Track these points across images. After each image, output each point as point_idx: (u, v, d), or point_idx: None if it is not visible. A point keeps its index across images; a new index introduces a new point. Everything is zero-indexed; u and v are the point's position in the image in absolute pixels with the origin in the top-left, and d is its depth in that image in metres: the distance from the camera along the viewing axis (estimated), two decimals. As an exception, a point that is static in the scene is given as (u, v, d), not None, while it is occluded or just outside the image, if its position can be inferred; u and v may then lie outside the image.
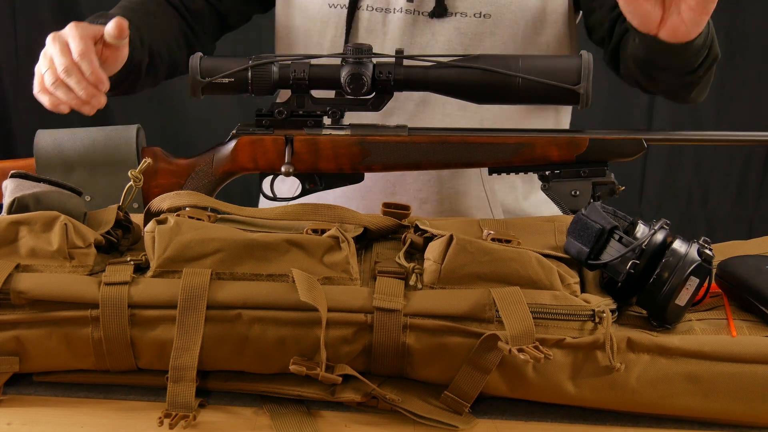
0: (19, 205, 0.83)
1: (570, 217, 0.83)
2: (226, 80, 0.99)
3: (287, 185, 1.12)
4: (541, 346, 0.70)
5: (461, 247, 0.76)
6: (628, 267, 0.76)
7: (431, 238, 0.80)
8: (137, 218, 0.88)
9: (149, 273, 0.76)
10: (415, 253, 0.81)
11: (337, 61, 1.00)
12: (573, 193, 1.00)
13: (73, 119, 1.06)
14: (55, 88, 0.95)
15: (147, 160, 0.87)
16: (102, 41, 0.99)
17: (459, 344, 0.73)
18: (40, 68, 0.97)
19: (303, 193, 1.06)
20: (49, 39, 0.96)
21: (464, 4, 1.13)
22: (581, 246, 0.79)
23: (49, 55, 0.96)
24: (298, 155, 1.02)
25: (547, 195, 1.02)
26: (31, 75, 0.98)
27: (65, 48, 0.95)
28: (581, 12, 1.20)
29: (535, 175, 1.04)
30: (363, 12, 1.15)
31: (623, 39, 1.09)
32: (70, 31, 0.96)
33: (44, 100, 0.98)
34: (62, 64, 0.94)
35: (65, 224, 0.78)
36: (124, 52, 1.02)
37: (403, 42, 1.15)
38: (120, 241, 0.85)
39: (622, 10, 0.95)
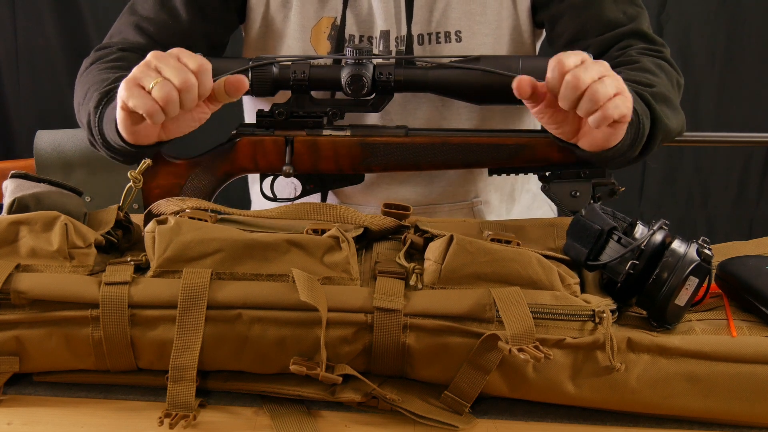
0: (19, 206, 0.83)
1: (570, 219, 0.83)
2: (226, 81, 0.99)
3: (285, 186, 1.12)
4: (541, 346, 0.71)
5: (461, 247, 0.76)
6: (627, 267, 0.76)
7: (431, 238, 0.80)
8: (137, 219, 0.88)
9: (149, 273, 0.76)
10: (416, 253, 0.81)
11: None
12: (573, 193, 1.00)
13: (73, 120, 1.05)
14: (166, 101, 0.83)
15: (146, 161, 0.87)
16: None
17: (459, 344, 0.73)
18: (142, 79, 0.84)
19: (303, 194, 1.06)
20: (154, 54, 0.85)
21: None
22: (580, 247, 0.79)
23: (157, 67, 0.84)
24: (298, 156, 1.02)
25: (547, 195, 1.02)
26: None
27: (181, 64, 0.85)
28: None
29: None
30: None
31: None
32: (183, 51, 0.86)
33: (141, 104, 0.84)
34: (179, 77, 0.83)
35: (65, 224, 0.78)
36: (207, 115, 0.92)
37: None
38: (120, 242, 0.85)
39: (536, 117, 0.91)
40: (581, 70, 0.83)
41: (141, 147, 0.93)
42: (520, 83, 0.85)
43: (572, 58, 0.84)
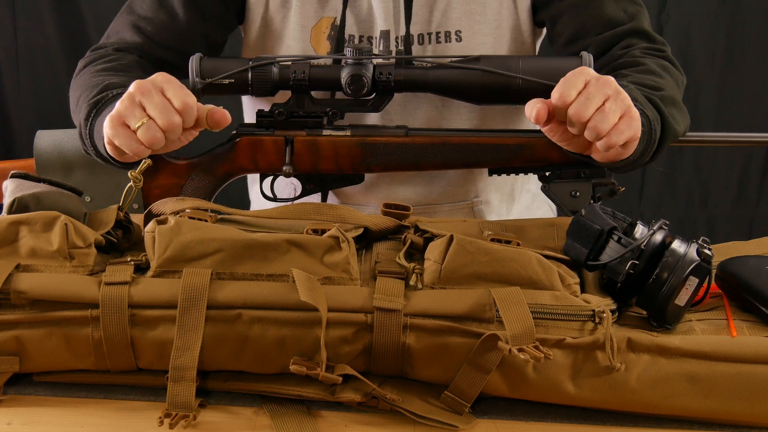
0: (19, 206, 0.83)
1: (570, 219, 0.83)
2: (226, 81, 0.99)
3: (285, 187, 1.12)
4: (541, 346, 0.71)
5: (461, 247, 0.76)
6: (627, 267, 0.76)
7: (431, 238, 0.80)
8: (137, 219, 0.88)
9: (149, 273, 0.76)
10: (416, 253, 0.81)
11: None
12: (573, 193, 1.00)
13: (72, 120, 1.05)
14: (151, 143, 0.85)
15: (147, 161, 0.87)
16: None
17: (459, 344, 0.73)
18: (127, 118, 0.85)
19: (303, 194, 1.06)
20: (138, 87, 0.86)
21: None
22: (580, 247, 0.79)
23: (142, 102, 0.85)
24: (298, 156, 1.02)
25: (547, 195, 1.02)
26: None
27: (166, 101, 0.85)
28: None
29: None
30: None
31: None
32: (167, 83, 0.86)
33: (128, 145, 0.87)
34: (163, 119, 0.84)
35: (65, 224, 0.78)
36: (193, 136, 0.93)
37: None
38: (120, 242, 0.85)
39: (547, 135, 0.92)
40: (582, 101, 0.83)
41: (131, 163, 0.94)
42: (539, 113, 0.85)
43: (576, 85, 0.84)
